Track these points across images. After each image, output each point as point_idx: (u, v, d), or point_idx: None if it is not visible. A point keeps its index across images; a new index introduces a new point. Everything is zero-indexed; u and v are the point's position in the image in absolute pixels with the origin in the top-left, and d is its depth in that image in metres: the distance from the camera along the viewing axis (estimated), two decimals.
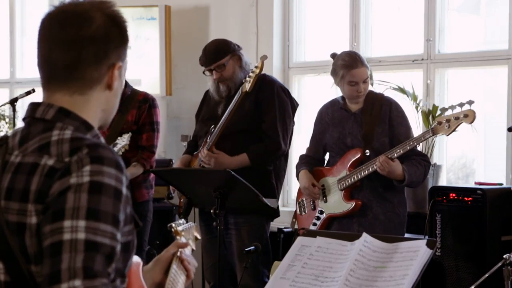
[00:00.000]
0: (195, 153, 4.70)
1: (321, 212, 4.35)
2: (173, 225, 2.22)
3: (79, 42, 1.70)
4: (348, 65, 4.22)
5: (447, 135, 4.10)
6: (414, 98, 5.03)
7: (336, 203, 4.28)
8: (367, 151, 4.19)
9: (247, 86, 4.35)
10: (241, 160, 4.47)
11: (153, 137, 5.00)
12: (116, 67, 1.76)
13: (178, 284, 2.07)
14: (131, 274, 1.79)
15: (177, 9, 6.33)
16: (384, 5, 5.80)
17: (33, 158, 1.66)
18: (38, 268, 1.61)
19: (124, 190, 1.63)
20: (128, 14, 6.34)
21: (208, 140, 4.51)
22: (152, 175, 5.02)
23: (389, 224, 4.23)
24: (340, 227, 4.22)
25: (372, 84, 4.97)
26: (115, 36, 1.74)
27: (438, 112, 5.00)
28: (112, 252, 1.58)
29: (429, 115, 5.00)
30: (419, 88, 5.26)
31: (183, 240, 2.18)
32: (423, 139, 4.17)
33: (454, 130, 4.03)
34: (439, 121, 4.06)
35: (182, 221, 2.26)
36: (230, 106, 4.42)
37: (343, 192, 4.25)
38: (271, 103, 4.50)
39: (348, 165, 4.24)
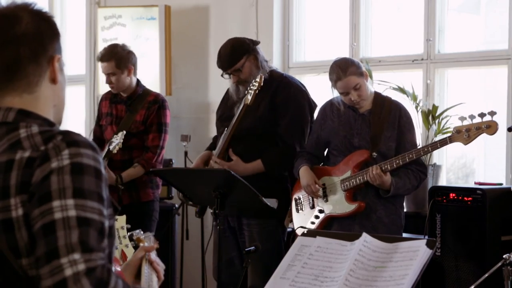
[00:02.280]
0: (214, 151, 4.68)
1: (321, 211, 4.31)
2: (134, 233, 2.33)
3: (14, 41, 1.74)
4: (333, 79, 4.24)
5: (465, 145, 4.06)
6: (414, 98, 5.02)
7: (338, 203, 4.25)
8: (374, 153, 4.18)
9: (249, 98, 4.34)
10: (255, 167, 4.45)
11: (159, 138, 4.99)
12: (56, 60, 1.79)
13: (153, 282, 2.11)
14: None
15: (177, 9, 6.33)
16: (384, 5, 5.80)
17: (6, 157, 1.67)
18: (30, 260, 1.63)
19: (103, 170, 1.68)
20: (128, 14, 6.34)
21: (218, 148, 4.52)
22: None
23: (392, 227, 4.22)
24: (340, 228, 4.17)
25: (371, 84, 4.97)
26: (46, 30, 1.78)
27: (438, 112, 5.00)
28: (103, 228, 1.63)
29: (428, 115, 5.00)
30: (419, 88, 5.26)
31: (147, 245, 2.23)
32: (439, 146, 4.10)
33: (473, 140, 4.00)
34: (458, 130, 4.01)
35: (138, 231, 2.33)
36: (234, 118, 4.41)
37: (345, 192, 4.22)
38: (287, 107, 4.46)
39: (353, 166, 4.22)
